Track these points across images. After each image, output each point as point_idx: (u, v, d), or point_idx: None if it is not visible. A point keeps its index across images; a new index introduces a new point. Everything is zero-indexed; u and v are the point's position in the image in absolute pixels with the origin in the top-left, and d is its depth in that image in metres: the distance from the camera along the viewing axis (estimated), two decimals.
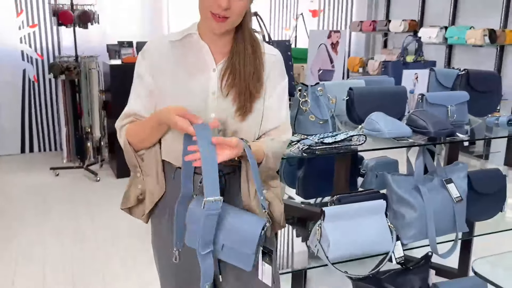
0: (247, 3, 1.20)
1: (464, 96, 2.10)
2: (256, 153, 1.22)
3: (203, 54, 1.27)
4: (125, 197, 1.37)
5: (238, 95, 1.24)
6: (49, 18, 5.01)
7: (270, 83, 1.30)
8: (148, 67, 1.28)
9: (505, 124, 1.99)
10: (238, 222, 1.20)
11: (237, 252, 1.20)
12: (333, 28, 6.41)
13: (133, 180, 1.36)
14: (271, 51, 1.33)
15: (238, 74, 1.24)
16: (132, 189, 1.35)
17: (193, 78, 1.26)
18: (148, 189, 1.33)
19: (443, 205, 1.88)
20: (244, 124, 1.26)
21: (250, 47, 1.27)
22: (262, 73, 1.28)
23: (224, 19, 1.18)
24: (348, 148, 1.69)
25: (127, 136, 1.29)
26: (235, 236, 1.19)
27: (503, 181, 2.09)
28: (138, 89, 1.30)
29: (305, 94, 1.85)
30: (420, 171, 1.87)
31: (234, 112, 1.25)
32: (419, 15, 5.57)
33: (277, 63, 1.33)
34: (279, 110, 1.31)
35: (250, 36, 1.28)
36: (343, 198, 1.81)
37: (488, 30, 4.41)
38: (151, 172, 1.32)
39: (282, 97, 1.32)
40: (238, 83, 1.24)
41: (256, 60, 1.27)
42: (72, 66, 4.46)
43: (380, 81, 2.22)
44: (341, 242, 1.69)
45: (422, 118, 1.85)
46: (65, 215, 3.58)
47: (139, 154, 1.31)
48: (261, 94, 1.28)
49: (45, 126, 5.30)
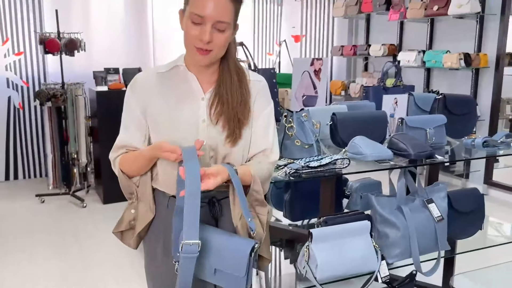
0: (228, 36, 1.26)
1: (442, 119, 2.20)
2: (243, 176, 1.26)
3: (191, 84, 1.33)
4: (119, 222, 1.40)
5: (227, 122, 1.30)
6: (35, 46, 5.06)
7: (257, 109, 1.36)
8: (137, 100, 1.33)
9: (480, 145, 2.09)
10: (228, 245, 1.23)
11: (229, 276, 1.23)
12: (315, 52, 6.57)
13: (128, 206, 1.40)
14: (257, 78, 1.40)
15: (226, 102, 1.30)
16: (126, 213, 1.39)
17: (183, 108, 1.31)
18: (140, 213, 1.37)
19: (425, 224, 1.95)
20: (234, 149, 1.32)
21: (236, 76, 1.33)
22: (249, 100, 1.34)
23: (207, 52, 1.24)
24: (333, 171, 1.76)
25: (120, 167, 1.34)
26: (226, 260, 1.22)
27: (481, 200, 2.18)
28: (128, 121, 1.35)
29: (290, 120, 1.93)
30: (402, 192, 1.95)
31: (224, 139, 1.30)
32: (397, 39, 5.76)
33: (262, 89, 1.39)
34: (266, 134, 1.36)
35: (235, 65, 1.35)
36: (329, 219, 1.87)
37: (463, 54, 4.59)
38: (144, 198, 1.36)
39: (268, 122, 1.38)
40: (226, 110, 1.30)
41: (243, 88, 1.33)
42: (59, 93, 4.49)
43: (361, 106, 2.31)
44: (328, 263, 1.74)
45: (402, 141, 1.94)
46: (51, 242, 3.56)
47: (133, 181, 1.36)
48: (249, 120, 1.33)
49: (30, 153, 5.28)
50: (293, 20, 6.42)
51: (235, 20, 1.27)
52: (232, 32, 1.28)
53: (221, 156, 1.32)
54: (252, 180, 1.27)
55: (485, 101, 4.78)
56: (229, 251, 1.22)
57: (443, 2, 4.71)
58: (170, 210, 1.32)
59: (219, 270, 1.23)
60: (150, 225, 1.39)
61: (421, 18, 5.06)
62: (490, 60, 4.65)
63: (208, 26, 1.21)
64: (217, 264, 1.23)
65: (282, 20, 6.34)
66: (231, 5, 1.22)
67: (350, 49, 6.15)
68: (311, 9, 6.48)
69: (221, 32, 1.23)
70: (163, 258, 1.37)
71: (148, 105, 1.32)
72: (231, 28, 1.26)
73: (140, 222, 1.37)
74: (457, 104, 2.33)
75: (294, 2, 6.38)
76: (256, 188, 1.28)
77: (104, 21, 5.33)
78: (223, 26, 1.22)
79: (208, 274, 1.24)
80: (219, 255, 1.22)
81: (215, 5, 1.19)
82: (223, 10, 1.21)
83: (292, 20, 6.42)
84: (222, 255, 1.22)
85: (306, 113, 1.95)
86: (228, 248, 1.22)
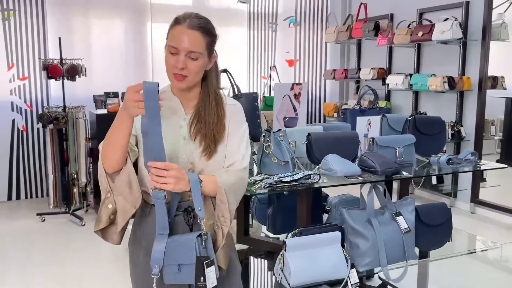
0: (201, 64, 1.47)
1: (411, 139, 2.38)
2: (208, 183, 1.43)
3: (175, 107, 1.54)
4: (97, 220, 1.51)
5: (204, 138, 1.50)
6: (39, 72, 5.30)
7: (232, 128, 1.55)
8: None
9: (444, 162, 2.26)
10: (182, 240, 1.40)
11: (187, 268, 1.37)
12: (308, 76, 6.81)
13: (104, 202, 1.50)
14: (232, 102, 1.60)
15: (204, 122, 1.50)
16: (103, 210, 1.49)
17: (168, 127, 1.49)
18: (120, 207, 1.48)
19: (393, 236, 2.11)
20: (209, 163, 1.50)
21: (214, 100, 1.53)
22: (224, 120, 1.53)
23: (183, 78, 1.46)
24: (304, 185, 1.94)
25: (101, 155, 1.47)
26: (182, 253, 1.38)
27: (448, 213, 2.34)
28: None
29: (268, 139, 2.11)
30: (371, 206, 2.11)
31: (200, 153, 1.49)
32: (387, 63, 5.99)
33: (237, 111, 1.58)
34: (238, 149, 1.54)
35: (214, 91, 1.55)
36: (304, 231, 2.04)
37: (447, 77, 4.80)
38: (122, 192, 1.47)
39: (241, 139, 1.56)
40: (203, 129, 1.50)
41: (219, 110, 1.53)
42: (60, 116, 4.70)
43: (337, 126, 2.49)
44: (301, 270, 1.90)
45: (371, 159, 2.12)
46: (51, 259, 3.71)
47: (110, 176, 1.48)
48: (223, 137, 1.52)
49: (32, 173, 5.47)
50: (287, 45, 6.68)
51: (208, 50, 1.48)
52: (206, 60, 1.49)
53: (198, 170, 1.51)
54: (217, 190, 1.44)
55: (470, 122, 4.97)
56: (182, 244, 1.39)
57: (427, 28, 4.95)
58: (152, 217, 1.49)
59: (182, 265, 1.38)
60: (133, 230, 1.55)
61: (407, 44, 5.30)
62: (474, 83, 4.86)
63: (182, 56, 1.43)
64: (179, 260, 1.39)
65: (277, 46, 6.60)
66: (202, 38, 1.45)
67: (341, 72, 6.38)
68: (304, 34, 6.75)
69: (194, 60, 1.45)
70: (145, 261, 1.51)
71: (137, 123, 1.50)
72: (204, 57, 1.47)
73: (122, 218, 1.48)
74: (427, 125, 2.52)
75: (288, 28, 6.65)
76: (220, 198, 1.43)
77: (105, 47, 5.59)
78: (195, 55, 1.44)
79: (176, 274, 1.40)
80: (178, 251, 1.38)
81: (188, 38, 1.42)
82: (194, 42, 1.43)
83: (286, 45, 6.68)
84: (180, 250, 1.38)
85: (283, 133, 2.14)
86: (182, 242, 1.39)
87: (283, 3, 6.58)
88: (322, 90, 6.95)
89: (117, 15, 5.66)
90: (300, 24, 6.70)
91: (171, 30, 1.47)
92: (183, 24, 1.44)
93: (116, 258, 3.57)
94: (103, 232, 1.52)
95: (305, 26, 6.75)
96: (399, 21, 5.53)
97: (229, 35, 6.25)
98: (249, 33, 6.39)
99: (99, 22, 5.59)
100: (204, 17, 1.49)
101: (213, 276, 1.37)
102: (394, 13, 5.89)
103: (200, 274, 1.36)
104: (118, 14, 5.66)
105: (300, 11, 6.69)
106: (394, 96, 6.02)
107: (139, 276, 1.59)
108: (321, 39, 6.82)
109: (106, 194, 1.49)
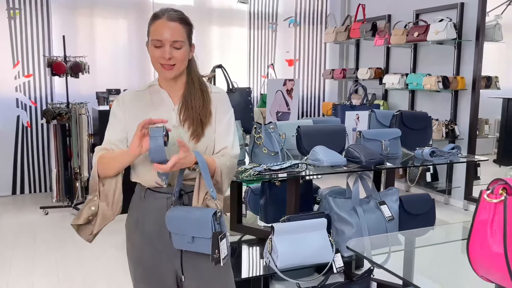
0: (185, 52, 1.60)
1: (397, 133, 2.50)
2: (209, 164, 1.54)
3: (164, 99, 1.66)
4: (78, 215, 1.62)
5: (192, 123, 1.61)
6: (43, 69, 5.44)
7: (219, 114, 1.67)
8: (122, 108, 1.65)
9: (428, 155, 2.37)
10: (196, 214, 1.52)
11: (201, 240, 1.49)
12: (308, 75, 6.93)
13: (89, 202, 1.61)
14: (216, 90, 1.72)
15: (191, 108, 1.62)
16: (86, 209, 1.61)
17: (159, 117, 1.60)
18: (101, 212, 1.60)
19: (377, 223, 2.23)
20: (198, 146, 1.61)
21: (199, 87, 1.66)
22: (209, 106, 1.65)
23: (172, 67, 1.58)
24: (291, 173, 2.05)
25: (98, 162, 1.59)
26: (196, 226, 1.49)
27: (431, 203, 2.45)
28: (113, 123, 1.65)
29: (259, 131, 2.23)
30: (356, 195, 2.23)
31: (189, 137, 1.61)
32: (384, 63, 6.10)
33: (221, 98, 1.70)
34: (227, 134, 1.66)
35: (198, 80, 1.68)
36: (293, 217, 2.16)
37: (441, 76, 4.90)
38: (107, 199, 1.60)
39: (229, 125, 1.68)
40: (191, 114, 1.62)
41: (204, 96, 1.65)
42: (64, 112, 4.84)
43: (327, 121, 2.61)
44: (288, 253, 2.02)
45: (357, 150, 2.23)
46: (54, 251, 3.84)
47: (102, 180, 1.60)
48: (210, 121, 1.64)
49: (36, 168, 5.60)
50: (287, 45, 6.79)
51: (189, 38, 1.62)
52: (188, 49, 1.62)
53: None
54: (215, 169, 1.56)
55: (464, 121, 5.07)
56: (197, 218, 1.50)
57: (422, 29, 5.06)
58: (146, 200, 1.62)
59: (196, 237, 1.50)
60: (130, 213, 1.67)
61: (404, 44, 5.40)
62: (468, 83, 4.95)
63: (167, 47, 1.55)
64: (192, 231, 1.50)
65: (277, 45, 6.72)
66: (182, 28, 1.58)
67: (340, 72, 6.50)
68: (304, 35, 6.86)
69: (179, 49, 1.57)
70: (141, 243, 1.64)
71: (130, 116, 1.63)
72: (186, 45, 1.60)
73: (100, 222, 1.61)
74: (413, 120, 2.63)
75: (288, 29, 6.76)
76: (218, 179, 1.57)
77: (108, 45, 5.73)
78: (179, 44, 1.57)
79: (187, 242, 1.52)
80: (191, 223, 1.50)
81: (170, 30, 1.55)
82: (176, 32, 1.56)
83: (286, 45, 6.79)
84: (193, 223, 1.50)
85: (273, 126, 2.26)
86: (196, 216, 1.50)
87: (283, 3, 6.70)
88: (321, 90, 7.07)
89: (120, 14, 5.80)
90: (299, 25, 6.82)
91: (151, 25, 1.58)
92: (162, 18, 1.56)
93: (117, 249, 3.69)
94: (79, 228, 1.63)
95: (305, 26, 6.86)
96: (396, 21, 5.64)
97: (230, 35, 6.38)
98: (250, 33, 6.51)
99: (103, 21, 5.72)
100: (179, 10, 1.62)
101: (225, 247, 1.50)
102: (391, 14, 6.00)
103: (215, 247, 1.47)
104: (121, 13, 5.79)
105: (300, 11, 6.80)
106: (391, 95, 6.13)
107: (136, 255, 1.70)
108: (321, 39, 6.93)
109: (93, 197, 1.60)
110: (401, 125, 2.59)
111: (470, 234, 1.02)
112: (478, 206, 1.02)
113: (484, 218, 0.98)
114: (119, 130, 1.64)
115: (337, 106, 2.88)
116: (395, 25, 5.63)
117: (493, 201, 0.97)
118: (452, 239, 2.60)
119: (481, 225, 0.98)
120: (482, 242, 0.96)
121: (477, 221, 0.99)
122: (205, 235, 1.48)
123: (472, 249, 1.00)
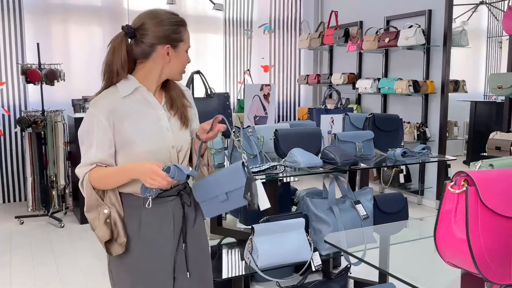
0: None
1: (370, 135, 2.60)
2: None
3: (151, 101, 1.66)
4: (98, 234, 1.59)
5: (178, 110, 1.70)
6: (17, 76, 5.38)
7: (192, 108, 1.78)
8: (107, 120, 1.58)
9: (400, 155, 2.48)
10: (226, 169, 1.62)
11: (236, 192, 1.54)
12: (283, 81, 7.04)
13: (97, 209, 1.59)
14: (185, 88, 1.83)
15: (174, 97, 1.71)
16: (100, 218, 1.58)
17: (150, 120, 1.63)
18: (113, 216, 1.58)
19: (353, 221, 2.32)
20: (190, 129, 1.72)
21: (176, 87, 1.75)
22: (184, 97, 1.75)
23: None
24: (270, 175, 2.12)
25: (91, 180, 1.56)
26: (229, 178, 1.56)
27: (404, 202, 2.56)
28: (99, 138, 1.57)
29: (238, 135, 2.29)
30: (332, 195, 2.32)
31: (180, 125, 1.68)
32: (357, 68, 6.26)
33: (190, 95, 1.83)
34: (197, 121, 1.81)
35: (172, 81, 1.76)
36: (272, 218, 2.22)
37: (412, 81, 5.07)
38: (113, 205, 1.59)
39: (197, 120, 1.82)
40: (175, 102, 1.71)
41: (178, 88, 1.75)
42: (39, 120, 4.79)
43: (303, 124, 2.69)
44: (268, 253, 2.08)
45: (332, 152, 2.32)
46: (30, 261, 3.79)
47: (98, 194, 1.58)
48: (187, 105, 1.74)
49: (10, 178, 5.51)
50: (262, 51, 6.89)
51: None
52: None
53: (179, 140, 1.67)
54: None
55: (434, 124, 5.25)
56: (230, 171, 1.59)
57: (393, 35, 5.23)
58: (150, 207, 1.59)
59: (229, 192, 1.55)
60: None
61: (375, 49, 5.57)
62: (437, 87, 5.14)
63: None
64: (225, 187, 1.56)
65: (252, 52, 6.81)
66: None
67: (314, 77, 6.63)
68: (278, 41, 6.98)
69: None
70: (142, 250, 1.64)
71: (118, 126, 1.58)
72: None
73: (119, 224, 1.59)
74: (385, 122, 2.74)
75: (263, 35, 6.86)
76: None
77: (83, 52, 5.69)
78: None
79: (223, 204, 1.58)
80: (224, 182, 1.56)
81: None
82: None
83: (261, 52, 6.89)
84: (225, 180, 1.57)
85: (252, 129, 2.32)
86: (229, 170, 1.60)
87: (258, 10, 6.80)
88: (297, 95, 7.19)
89: (95, 21, 5.78)
90: (274, 31, 6.93)
91: (184, 33, 1.65)
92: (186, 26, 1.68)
93: (96, 257, 3.68)
94: (107, 246, 1.62)
95: (279, 33, 6.98)
96: (368, 28, 5.80)
97: (205, 41, 6.43)
98: (225, 39, 6.58)
99: (77, 28, 5.70)
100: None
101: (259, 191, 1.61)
102: (363, 21, 6.17)
103: (247, 190, 1.53)
104: (95, 20, 5.78)
105: (274, 18, 6.92)
106: (364, 99, 6.28)
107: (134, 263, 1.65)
108: (295, 46, 7.06)
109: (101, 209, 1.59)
110: (374, 128, 2.70)
111: (437, 223, 1.10)
112: (443, 197, 1.11)
113: (449, 208, 1.07)
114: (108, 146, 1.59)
115: (313, 110, 2.97)
116: (366, 31, 5.79)
117: (456, 192, 1.06)
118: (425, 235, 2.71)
119: (446, 214, 1.07)
120: (447, 230, 1.05)
121: (442, 210, 1.08)
122: (239, 184, 1.53)
123: (438, 237, 1.09)
